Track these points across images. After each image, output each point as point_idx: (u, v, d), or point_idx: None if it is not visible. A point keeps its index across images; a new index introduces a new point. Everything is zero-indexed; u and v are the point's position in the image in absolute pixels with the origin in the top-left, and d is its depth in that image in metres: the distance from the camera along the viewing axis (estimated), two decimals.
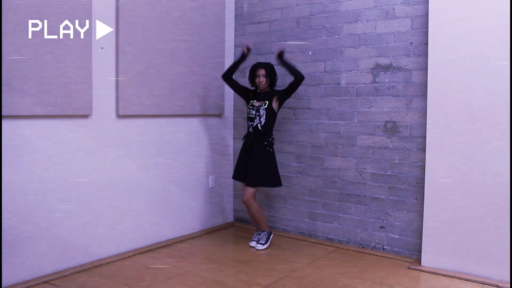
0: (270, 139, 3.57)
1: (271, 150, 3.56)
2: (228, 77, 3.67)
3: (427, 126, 3.16)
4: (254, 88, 3.70)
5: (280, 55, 3.52)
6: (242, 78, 4.09)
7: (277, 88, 3.68)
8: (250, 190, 3.54)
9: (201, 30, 3.90)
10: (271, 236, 3.70)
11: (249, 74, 3.66)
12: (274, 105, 3.56)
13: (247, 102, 3.67)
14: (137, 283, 2.85)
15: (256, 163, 3.52)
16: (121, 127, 3.34)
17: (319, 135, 3.83)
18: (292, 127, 3.98)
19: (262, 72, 3.56)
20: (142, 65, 3.41)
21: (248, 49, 3.64)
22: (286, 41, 3.98)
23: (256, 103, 3.57)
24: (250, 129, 3.58)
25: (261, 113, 3.53)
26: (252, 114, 3.56)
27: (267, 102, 3.55)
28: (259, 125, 3.53)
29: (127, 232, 3.41)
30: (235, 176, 3.71)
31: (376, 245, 3.57)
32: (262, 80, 3.56)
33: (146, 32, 3.42)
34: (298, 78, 3.47)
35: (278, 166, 3.71)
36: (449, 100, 3.05)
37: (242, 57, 3.65)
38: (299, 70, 3.55)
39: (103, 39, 3.15)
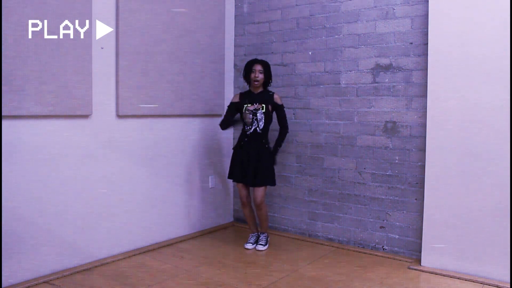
0: (268, 139, 3.57)
1: (269, 150, 3.57)
2: (227, 126, 3.67)
3: (427, 126, 3.16)
4: (248, 85, 3.63)
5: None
6: (240, 76, 4.09)
7: (271, 90, 3.64)
8: (262, 191, 3.52)
9: (201, 30, 3.90)
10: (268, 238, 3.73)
11: (245, 69, 3.57)
12: (270, 109, 3.53)
13: (241, 108, 3.55)
14: (137, 283, 2.85)
15: (263, 164, 3.49)
16: (121, 127, 3.34)
17: (319, 135, 3.83)
18: (292, 127, 3.97)
19: (258, 67, 3.50)
20: (142, 65, 3.41)
21: None
22: (285, 41, 3.99)
23: (251, 107, 3.50)
24: (247, 133, 3.51)
25: (258, 117, 3.48)
26: (249, 118, 3.49)
27: (264, 106, 3.49)
28: (257, 129, 3.49)
29: (127, 232, 3.41)
30: (239, 179, 3.58)
31: (376, 245, 3.57)
32: (258, 76, 3.49)
33: (146, 32, 3.42)
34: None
35: (278, 166, 3.72)
36: (449, 100, 3.05)
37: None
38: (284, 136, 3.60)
39: (103, 39, 3.15)
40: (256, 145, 3.51)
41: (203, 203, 4.08)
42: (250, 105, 3.51)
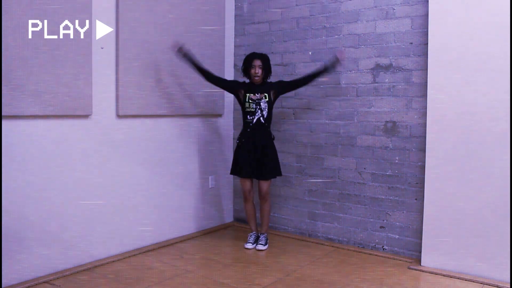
0: (270, 130, 3.60)
1: (273, 140, 3.60)
2: (209, 78, 3.56)
3: (427, 126, 3.16)
4: (248, 79, 3.62)
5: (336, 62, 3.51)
6: (240, 76, 4.09)
7: (270, 80, 3.63)
8: (268, 183, 3.56)
9: (201, 30, 3.90)
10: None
11: (244, 64, 3.57)
12: (272, 97, 3.55)
13: (240, 94, 3.56)
14: (137, 283, 2.85)
15: (270, 156, 3.52)
16: (121, 127, 3.34)
17: (319, 135, 3.83)
18: (292, 127, 3.98)
19: (258, 63, 3.49)
20: (142, 65, 3.41)
21: (180, 49, 3.46)
22: (285, 41, 3.99)
23: (254, 97, 3.50)
24: (250, 124, 3.51)
25: (262, 107, 3.49)
26: (252, 108, 3.49)
27: (266, 95, 3.51)
28: (261, 118, 3.50)
29: (127, 232, 3.41)
30: (246, 174, 3.56)
31: (376, 245, 3.57)
32: (258, 71, 3.48)
33: (146, 32, 3.42)
34: (311, 81, 3.57)
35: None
36: (449, 100, 3.05)
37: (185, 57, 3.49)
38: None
39: (103, 39, 3.15)
40: (260, 136, 3.51)
41: (203, 203, 4.07)
42: (252, 94, 3.51)
